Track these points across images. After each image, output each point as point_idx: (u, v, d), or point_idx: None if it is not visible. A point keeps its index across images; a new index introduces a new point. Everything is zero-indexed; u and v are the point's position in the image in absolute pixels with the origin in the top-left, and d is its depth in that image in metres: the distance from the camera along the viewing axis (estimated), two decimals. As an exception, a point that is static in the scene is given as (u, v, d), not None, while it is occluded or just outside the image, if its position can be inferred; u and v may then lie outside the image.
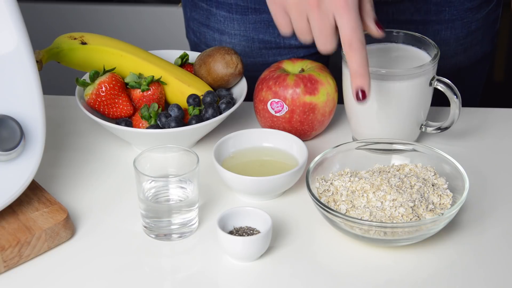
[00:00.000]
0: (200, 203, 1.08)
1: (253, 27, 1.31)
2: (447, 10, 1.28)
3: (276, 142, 1.13)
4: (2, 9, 0.99)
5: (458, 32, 1.30)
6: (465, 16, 1.29)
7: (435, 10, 1.27)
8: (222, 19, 1.32)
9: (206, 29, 1.35)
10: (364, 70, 1.01)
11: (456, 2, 1.28)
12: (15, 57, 1.00)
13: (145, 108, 1.14)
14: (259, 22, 1.31)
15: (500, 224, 1.05)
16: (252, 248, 0.98)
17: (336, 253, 1.01)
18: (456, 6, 1.28)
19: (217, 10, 1.32)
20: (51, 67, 1.35)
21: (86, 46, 1.19)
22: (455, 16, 1.28)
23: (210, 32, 1.34)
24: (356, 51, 1.00)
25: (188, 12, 1.38)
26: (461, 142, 1.19)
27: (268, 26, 1.31)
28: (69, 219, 1.03)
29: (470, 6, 1.29)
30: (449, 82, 1.11)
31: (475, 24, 1.31)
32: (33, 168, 1.02)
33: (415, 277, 0.98)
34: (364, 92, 1.02)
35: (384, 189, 1.01)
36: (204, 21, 1.34)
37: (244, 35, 1.32)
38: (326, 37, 1.02)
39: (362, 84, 1.02)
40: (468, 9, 1.29)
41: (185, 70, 1.21)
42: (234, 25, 1.31)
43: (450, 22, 1.29)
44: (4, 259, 0.98)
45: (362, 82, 1.02)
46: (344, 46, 1.01)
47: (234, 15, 1.31)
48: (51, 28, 2.27)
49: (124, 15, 2.32)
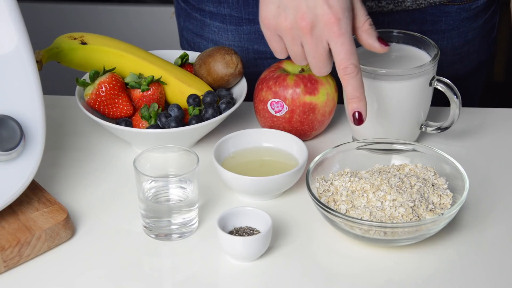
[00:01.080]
0: (200, 203, 1.08)
1: (247, 38, 1.31)
2: (443, 20, 1.28)
3: (276, 142, 1.13)
4: (2, 9, 0.99)
5: (454, 41, 1.30)
6: (462, 25, 1.29)
7: (431, 20, 1.27)
8: (216, 30, 1.32)
9: (200, 40, 1.35)
10: (360, 93, 1.03)
11: (452, 12, 1.27)
12: (15, 57, 1.00)
13: (145, 108, 1.14)
14: (253, 33, 1.31)
15: (500, 224, 1.05)
16: (252, 248, 0.98)
17: (336, 253, 1.01)
18: (452, 16, 1.28)
19: (211, 20, 1.32)
20: (51, 67, 1.35)
21: (86, 46, 1.19)
22: (451, 26, 1.28)
23: (204, 43, 1.35)
24: (351, 76, 1.02)
25: (181, 22, 1.38)
26: (461, 142, 1.19)
27: (262, 37, 1.30)
28: (69, 219, 1.03)
29: (466, 16, 1.28)
30: (449, 82, 1.12)
31: (471, 34, 1.31)
32: (33, 168, 1.02)
33: (415, 277, 0.98)
34: (361, 114, 1.03)
35: (384, 189, 1.01)
36: (198, 32, 1.34)
37: (239, 46, 1.32)
38: (321, 62, 1.03)
39: (358, 107, 1.03)
40: (465, 19, 1.29)
41: (185, 70, 1.21)
42: (229, 36, 1.31)
43: (447, 32, 1.29)
44: (4, 259, 0.98)
45: (358, 106, 1.03)
46: (339, 71, 1.02)
47: (228, 26, 1.31)
48: (51, 28, 2.27)
49: (124, 15, 2.32)
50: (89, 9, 2.32)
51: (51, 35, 1.39)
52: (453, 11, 1.27)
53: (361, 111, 1.03)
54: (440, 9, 1.27)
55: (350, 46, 1.01)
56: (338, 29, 1.00)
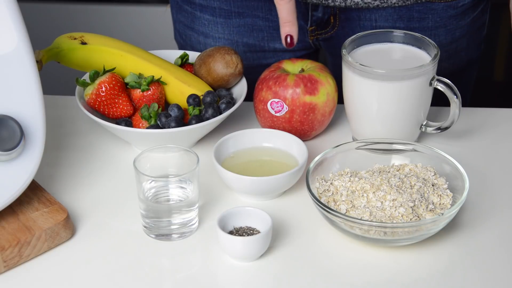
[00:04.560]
0: (200, 203, 1.08)
1: (237, 31, 1.32)
2: (430, 18, 1.28)
3: (276, 142, 1.13)
4: (2, 9, 0.99)
5: (441, 39, 1.30)
6: (449, 23, 1.29)
7: (418, 17, 1.27)
8: (206, 23, 1.33)
9: (191, 32, 1.36)
10: (293, 17, 1.11)
11: (439, 9, 1.27)
12: (15, 57, 1.00)
13: (145, 108, 1.14)
14: (242, 26, 1.32)
15: (500, 224, 1.05)
16: (252, 248, 0.98)
17: (336, 253, 1.01)
18: (439, 14, 1.27)
19: (201, 13, 1.32)
20: (51, 67, 1.35)
21: (86, 46, 1.19)
22: (438, 24, 1.28)
23: (195, 35, 1.35)
24: (286, 1, 1.10)
25: (174, 14, 1.39)
26: (461, 142, 1.19)
27: (252, 30, 1.32)
28: (69, 219, 1.03)
29: (453, 14, 1.28)
30: (449, 82, 1.11)
31: (459, 31, 1.31)
32: (33, 168, 1.02)
33: (415, 277, 0.98)
34: (292, 38, 1.12)
35: (384, 189, 1.01)
36: (189, 24, 1.35)
37: (228, 39, 1.33)
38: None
39: (291, 31, 1.12)
40: (452, 16, 1.28)
41: (185, 70, 1.21)
42: (218, 29, 1.32)
43: (434, 29, 1.29)
44: (4, 259, 0.98)
45: (291, 29, 1.12)
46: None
47: (218, 19, 1.32)
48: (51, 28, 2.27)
49: (124, 15, 2.32)
50: (89, 9, 2.32)
51: (51, 35, 1.39)
52: (440, 8, 1.27)
53: (292, 35, 1.12)
54: (427, 6, 1.27)
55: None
56: None
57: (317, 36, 1.33)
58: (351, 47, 1.15)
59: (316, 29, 1.32)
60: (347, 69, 1.13)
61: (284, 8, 1.11)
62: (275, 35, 1.32)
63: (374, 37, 1.16)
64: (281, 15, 1.11)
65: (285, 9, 1.11)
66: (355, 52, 1.15)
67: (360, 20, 1.28)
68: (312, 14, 1.30)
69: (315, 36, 1.33)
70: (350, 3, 1.24)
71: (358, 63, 1.11)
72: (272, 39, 1.32)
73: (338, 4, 1.25)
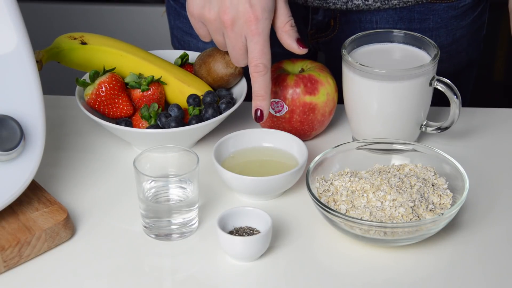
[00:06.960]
0: (200, 203, 1.08)
1: None
2: (431, 19, 1.28)
3: (276, 142, 1.13)
4: (2, 9, 0.99)
5: (442, 40, 1.30)
6: (450, 24, 1.29)
7: (419, 18, 1.27)
8: None
9: (190, 38, 1.36)
10: (265, 92, 1.09)
11: (440, 10, 1.27)
12: (15, 57, 1.00)
13: (145, 108, 1.14)
14: None
15: (500, 224, 1.05)
16: (252, 248, 0.98)
17: (336, 253, 1.01)
18: (440, 14, 1.27)
19: None
20: (51, 67, 1.35)
21: (86, 46, 1.19)
22: (439, 24, 1.28)
23: (193, 41, 1.35)
24: (260, 74, 1.08)
25: (172, 21, 1.39)
26: (461, 142, 1.19)
27: None
28: (69, 219, 1.03)
29: (454, 14, 1.28)
30: (449, 82, 1.12)
31: (460, 32, 1.31)
32: (33, 168, 1.02)
33: (415, 277, 0.98)
34: (263, 112, 1.10)
35: (384, 189, 1.01)
36: (188, 30, 1.35)
37: None
38: (239, 55, 1.10)
39: (261, 105, 1.10)
40: (452, 17, 1.28)
41: (185, 70, 1.21)
42: None
43: (435, 30, 1.29)
44: (4, 259, 0.98)
45: (262, 104, 1.10)
46: (250, 68, 1.09)
47: None
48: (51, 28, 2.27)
49: (124, 15, 2.32)
50: (89, 9, 2.32)
51: (51, 35, 1.39)
52: (440, 9, 1.27)
53: (263, 110, 1.10)
54: (428, 7, 1.27)
55: (264, 45, 1.07)
56: (256, 28, 1.06)
57: (317, 40, 1.33)
58: (351, 47, 1.15)
59: (316, 32, 1.32)
60: (347, 69, 1.13)
61: (258, 81, 1.08)
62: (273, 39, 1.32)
63: (374, 37, 1.16)
64: (254, 88, 1.09)
65: (259, 81, 1.08)
66: (355, 52, 1.15)
67: (360, 22, 1.27)
68: (312, 17, 1.30)
69: (315, 40, 1.33)
70: (351, 5, 1.24)
71: (358, 63, 1.11)
72: (272, 43, 1.32)
73: (339, 6, 1.25)
